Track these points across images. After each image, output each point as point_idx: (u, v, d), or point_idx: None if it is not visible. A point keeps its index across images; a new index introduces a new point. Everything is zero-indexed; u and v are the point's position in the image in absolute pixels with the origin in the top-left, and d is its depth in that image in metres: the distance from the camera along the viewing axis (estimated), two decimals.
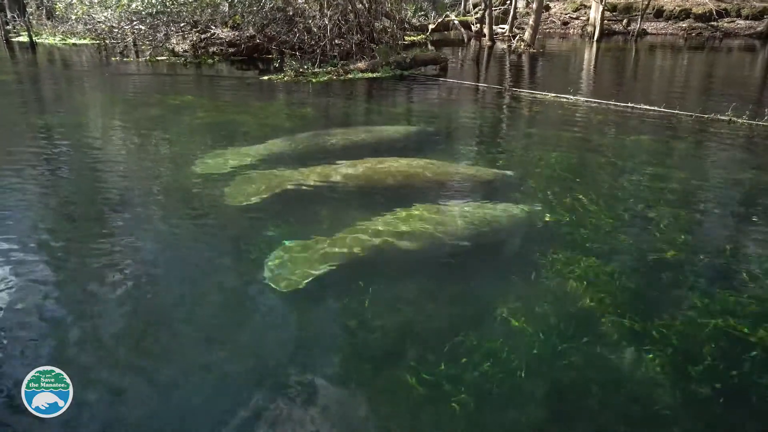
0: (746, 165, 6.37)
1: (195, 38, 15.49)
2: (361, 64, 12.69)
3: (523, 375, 2.86)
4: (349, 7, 13.88)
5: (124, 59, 15.29)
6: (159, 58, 14.97)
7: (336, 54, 13.55)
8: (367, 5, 14.43)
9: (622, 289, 3.67)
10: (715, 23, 23.66)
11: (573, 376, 2.89)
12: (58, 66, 15.34)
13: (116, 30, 14.93)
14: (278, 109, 9.51)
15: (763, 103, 8.66)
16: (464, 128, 8.52)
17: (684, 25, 24.18)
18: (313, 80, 11.87)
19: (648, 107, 8.93)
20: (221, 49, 15.24)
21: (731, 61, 17.80)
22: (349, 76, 12.30)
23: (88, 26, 17.95)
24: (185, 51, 15.51)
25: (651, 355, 3.04)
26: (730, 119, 7.95)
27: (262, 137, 7.07)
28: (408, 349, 3.10)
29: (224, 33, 14.97)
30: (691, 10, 24.23)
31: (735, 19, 23.58)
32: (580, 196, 5.23)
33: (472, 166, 6.13)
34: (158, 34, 14.23)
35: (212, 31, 15.30)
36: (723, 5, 23.81)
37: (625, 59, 18.28)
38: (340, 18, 14.00)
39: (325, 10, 13.86)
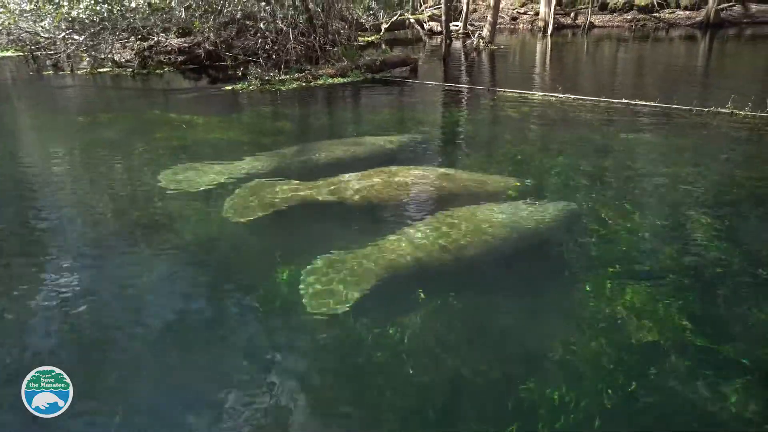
0: (760, 159, 6.16)
1: (138, 46, 14.16)
2: (330, 69, 11.92)
3: (600, 426, 2.52)
4: (301, 8, 13.01)
5: (59, 72, 13.79)
6: (101, 69, 13.57)
7: (296, 58, 12.71)
8: (321, 7, 13.62)
9: (682, 311, 3.32)
10: (657, 14, 24.43)
11: (652, 420, 2.57)
12: None
13: (49, 40, 13.37)
14: (251, 121, 8.65)
15: (744, 92, 8.63)
16: (457, 134, 8.02)
17: (628, 17, 24.84)
18: (282, 88, 11.01)
19: (644, 102, 8.70)
20: (169, 58, 14.00)
21: (684, 51, 18.27)
22: (319, 81, 11.52)
23: (12, 36, 16.10)
24: (128, 61, 14.17)
25: (734, 386, 2.70)
26: (732, 111, 7.81)
27: (242, 154, 6.43)
28: (466, 404, 2.68)
29: (174, 40, 13.74)
30: (633, 2, 24.92)
31: (675, 10, 24.43)
32: (607, 206, 4.88)
33: (486, 174, 5.69)
34: (102, 45, 12.81)
35: (156, 38, 14.02)
36: None
37: (586, 53, 18.42)
38: (299, 21, 13.14)
39: (279, 14, 12.99)
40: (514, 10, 27.80)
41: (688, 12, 24.16)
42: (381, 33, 21.50)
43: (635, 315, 3.28)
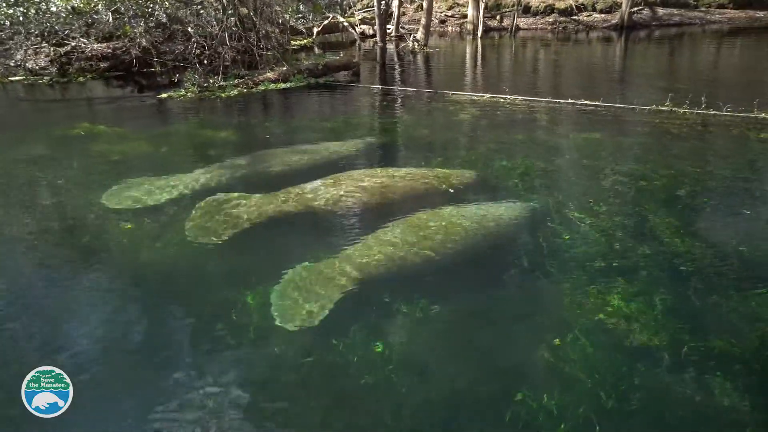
0: (706, 153, 6.53)
1: (54, 53, 13.00)
2: (270, 74, 11.49)
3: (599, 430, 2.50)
4: (230, 11, 12.45)
5: None
6: (12, 78, 12.33)
7: (230, 63, 12.15)
8: (254, 10, 13.10)
9: (665, 309, 3.36)
10: (576, 17, 25.76)
11: (650, 422, 2.55)
12: None
13: None
14: (195, 132, 8.13)
15: (674, 90, 9.19)
16: (411, 137, 7.92)
17: (550, 20, 26.01)
18: (222, 95, 10.48)
19: (589, 102, 9.02)
20: (91, 65, 12.96)
21: (606, 52, 19.31)
22: (260, 87, 11.07)
23: None
24: (43, 68, 12.98)
25: (723, 380, 2.74)
26: (671, 109, 8.25)
27: (191, 167, 6.03)
28: (458, 416, 2.62)
29: (96, 45, 12.72)
30: (554, 5, 26.14)
31: (592, 13, 25.88)
32: (571, 204, 4.96)
33: (448, 172, 5.70)
34: (12, 51, 11.63)
35: (74, 43, 12.93)
36: (580, 0, 25.99)
37: (517, 54, 19.00)
38: (229, 24, 12.56)
39: (211, 17, 12.39)
40: (441, 13, 28.33)
41: (603, 15, 25.67)
42: (314, 36, 21.18)
43: (616, 314, 3.28)
